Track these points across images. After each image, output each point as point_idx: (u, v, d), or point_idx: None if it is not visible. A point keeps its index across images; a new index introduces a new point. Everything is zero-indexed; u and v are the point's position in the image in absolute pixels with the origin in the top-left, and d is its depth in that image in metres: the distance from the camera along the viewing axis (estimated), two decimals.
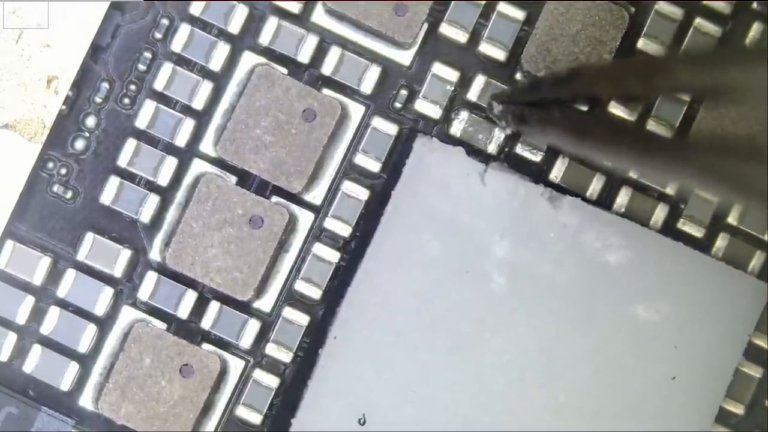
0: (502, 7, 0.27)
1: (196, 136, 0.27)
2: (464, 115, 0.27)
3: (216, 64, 0.27)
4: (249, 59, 0.27)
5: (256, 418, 0.27)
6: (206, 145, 0.27)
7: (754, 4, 0.27)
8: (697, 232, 0.27)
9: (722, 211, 0.27)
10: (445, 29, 0.27)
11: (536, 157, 0.27)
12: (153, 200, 0.27)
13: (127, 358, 0.26)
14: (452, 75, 0.27)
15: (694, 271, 0.26)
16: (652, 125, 0.27)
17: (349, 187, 0.27)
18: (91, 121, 0.27)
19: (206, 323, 0.27)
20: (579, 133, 0.22)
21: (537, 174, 0.27)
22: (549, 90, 0.24)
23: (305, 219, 0.27)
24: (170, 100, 0.27)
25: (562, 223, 0.26)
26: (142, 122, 0.27)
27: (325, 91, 0.27)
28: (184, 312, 0.27)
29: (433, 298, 0.26)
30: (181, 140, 0.27)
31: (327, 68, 0.27)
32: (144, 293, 0.27)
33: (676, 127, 0.27)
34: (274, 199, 0.27)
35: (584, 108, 0.24)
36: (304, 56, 0.27)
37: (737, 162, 0.17)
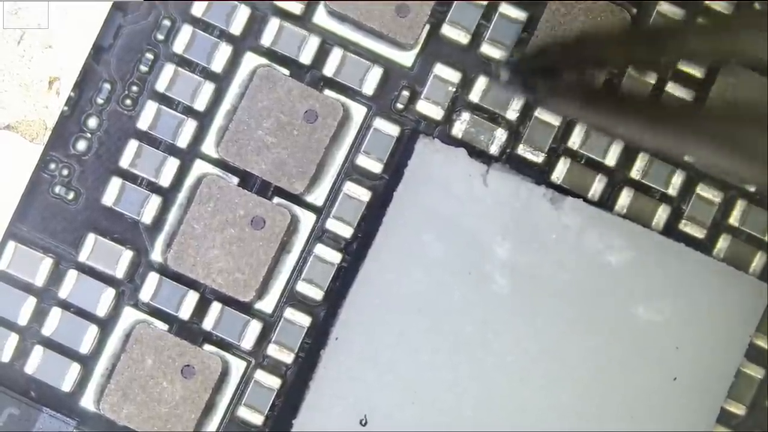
0: (504, 8, 0.27)
1: (198, 137, 0.27)
2: (466, 116, 0.27)
3: (218, 65, 0.27)
4: (251, 60, 0.27)
5: (257, 419, 0.27)
6: (208, 146, 0.27)
7: (756, 4, 0.27)
8: (698, 233, 0.27)
9: (723, 212, 0.27)
10: (447, 30, 0.27)
11: (538, 159, 0.27)
12: (155, 201, 0.27)
13: (129, 359, 0.26)
14: (454, 76, 0.27)
15: (696, 272, 0.26)
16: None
17: (350, 188, 0.27)
18: (92, 122, 0.27)
19: (208, 324, 0.27)
20: (589, 104, 0.22)
21: (539, 175, 0.27)
22: (559, 56, 0.24)
23: (307, 220, 0.27)
24: (172, 101, 0.27)
25: (564, 224, 0.26)
26: (143, 123, 0.27)
27: (327, 93, 0.27)
28: (185, 313, 0.27)
29: (435, 299, 0.26)
30: (183, 141, 0.27)
31: (329, 69, 0.27)
32: (146, 294, 0.27)
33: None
34: (276, 200, 0.27)
35: (598, 75, 0.23)
36: (305, 57, 0.27)
37: (750, 130, 0.16)
